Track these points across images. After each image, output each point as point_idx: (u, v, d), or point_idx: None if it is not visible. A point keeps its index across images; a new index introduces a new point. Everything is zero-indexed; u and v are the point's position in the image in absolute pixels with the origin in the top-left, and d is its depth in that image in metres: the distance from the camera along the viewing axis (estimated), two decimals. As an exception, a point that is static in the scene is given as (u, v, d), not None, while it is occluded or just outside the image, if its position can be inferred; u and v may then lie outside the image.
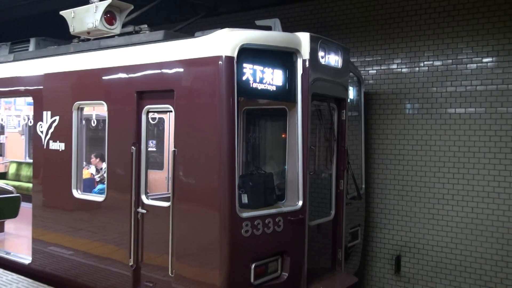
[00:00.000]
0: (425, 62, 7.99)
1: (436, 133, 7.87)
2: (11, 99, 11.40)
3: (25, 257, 7.77)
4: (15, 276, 7.20)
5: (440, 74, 7.85)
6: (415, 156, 8.08)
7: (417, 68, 8.08)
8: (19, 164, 13.57)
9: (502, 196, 7.33)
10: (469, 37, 7.58)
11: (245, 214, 5.48)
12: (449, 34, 7.74)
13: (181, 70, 5.76)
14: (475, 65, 7.55)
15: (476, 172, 7.53)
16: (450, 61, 7.75)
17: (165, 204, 5.94)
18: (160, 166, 8.55)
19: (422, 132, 8.00)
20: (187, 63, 5.70)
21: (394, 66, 8.30)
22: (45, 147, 7.35)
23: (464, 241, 7.64)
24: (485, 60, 7.48)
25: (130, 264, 6.19)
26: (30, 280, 7.03)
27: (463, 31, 7.63)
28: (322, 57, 6.32)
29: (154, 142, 7.97)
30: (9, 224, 9.93)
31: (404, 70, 8.20)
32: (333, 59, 6.56)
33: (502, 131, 7.32)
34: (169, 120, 7.46)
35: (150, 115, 6.27)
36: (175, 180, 5.76)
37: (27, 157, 13.41)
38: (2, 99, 10.87)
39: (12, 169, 13.65)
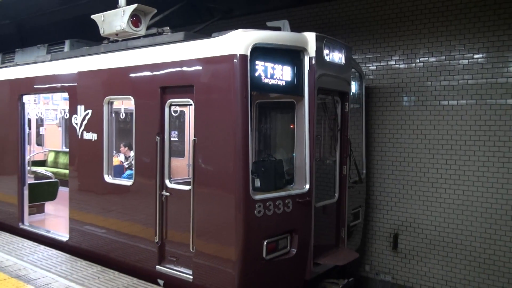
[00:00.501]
0: (420, 59, 7.89)
1: (430, 123, 7.80)
2: (49, 95, 11.48)
3: (63, 235, 7.87)
4: (54, 251, 7.33)
5: (434, 69, 7.75)
6: (411, 144, 8.02)
7: (413, 64, 7.98)
8: (57, 152, 13.74)
9: (490, 180, 7.26)
10: (461, 35, 7.47)
11: (258, 197, 5.49)
12: (443, 32, 7.63)
13: (200, 67, 5.76)
14: (466, 60, 7.44)
15: (467, 158, 7.46)
16: (444, 57, 7.64)
17: (186, 187, 5.98)
18: (181, 154, 8.59)
19: (418, 122, 7.94)
20: (205, 61, 5.70)
21: (393, 63, 8.21)
22: (79, 137, 7.41)
23: (455, 221, 7.60)
24: (476, 56, 7.37)
25: (155, 241, 6.25)
26: (68, 255, 7.16)
27: (455, 30, 7.52)
28: (327, 55, 6.28)
29: (176, 132, 7.99)
30: (48, 206, 10.09)
31: (401, 66, 8.12)
32: (337, 56, 6.51)
33: (491, 121, 7.23)
34: (189, 113, 7.48)
35: (172, 108, 6.28)
36: (195, 166, 5.78)
37: (63, 147, 13.56)
38: (41, 95, 10.97)
39: (50, 157, 13.83)
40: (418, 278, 8.03)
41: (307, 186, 6.00)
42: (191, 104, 5.90)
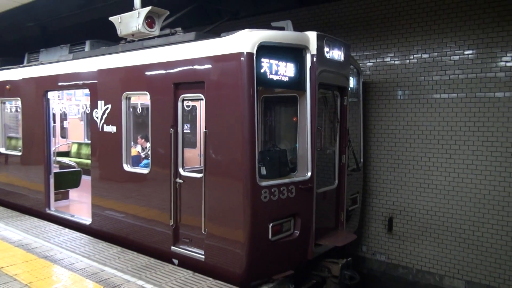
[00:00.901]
0: (414, 55, 7.81)
1: (423, 115, 7.73)
2: (72, 91, 11.51)
3: (86, 219, 7.93)
4: (78, 234, 7.39)
5: (427, 65, 7.67)
6: (405, 134, 7.97)
7: (407, 60, 7.90)
8: (79, 144, 13.80)
9: (479, 168, 7.21)
10: (453, 32, 7.37)
11: (264, 183, 5.50)
12: (435, 30, 7.53)
13: (210, 65, 5.73)
14: (457, 56, 7.35)
15: (457, 147, 7.40)
16: (436, 53, 7.55)
17: (198, 175, 5.98)
18: (193, 145, 8.58)
19: (411, 114, 7.88)
20: (215, 59, 5.67)
21: (388, 59, 8.13)
22: (100, 130, 7.42)
23: (446, 205, 7.57)
24: (466, 52, 7.27)
25: (170, 224, 6.28)
26: (91, 237, 7.21)
27: (447, 28, 7.42)
28: (327, 52, 6.23)
29: (188, 125, 7.97)
30: (72, 193, 10.17)
31: (396, 62, 8.03)
32: (336, 54, 6.45)
33: (480, 113, 7.15)
34: (201, 107, 7.46)
35: (185, 102, 6.26)
36: (206, 156, 5.78)
37: (85, 139, 13.61)
38: (65, 91, 11.00)
39: (74, 148, 13.90)
40: (411, 258, 8.03)
41: (309, 174, 5.99)
42: (202, 99, 5.89)
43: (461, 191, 7.40)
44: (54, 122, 10.02)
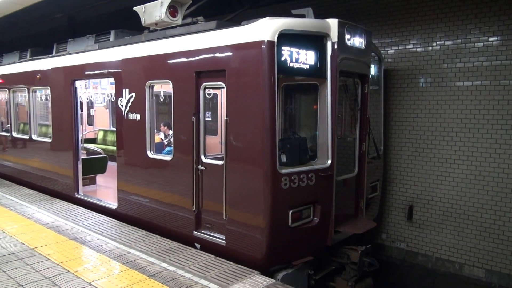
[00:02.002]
0: (437, 42, 7.57)
1: (446, 103, 7.53)
2: (98, 80, 11.69)
3: (112, 204, 8.09)
4: (105, 217, 7.56)
5: (450, 52, 7.43)
6: (426, 122, 7.79)
7: (430, 47, 7.67)
8: (105, 131, 14.04)
9: (502, 156, 6.99)
10: (477, 19, 7.10)
11: (284, 171, 5.48)
12: (460, 16, 7.27)
13: (231, 53, 5.71)
14: (482, 43, 7.09)
15: (480, 136, 7.19)
16: (460, 40, 7.30)
17: (220, 162, 6.01)
18: (214, 133, 8.62)
19: (433, 102, 7.67)
20: (236, 47, 5.64)
21: (410, 46, 7.91)
22: (125, 117, 7.52)
23: (467, 194, 7.40)
24: (491, 39, 7.00)
25: (193, 209, 6.35)
26: (117, 221, 7.37)
27: (472, 14, 7.15)
28: (348, 40, 6.09)
29: (210, 113, 8.00)
30: (99, 178, 10.38)
31: (418, 49, 7.81)
32: (357, 41, 6.31)
33: (504, 100, 6.91)
34: (222, 95, 7.47)
35: (207, 90, 6.27)
36: (227, 143, 5.79)
37: (111, 126, 13.84)
38: (91, 80, 11.17)
39: (100, 135, 14.16)
40: (431, 246, 7.91)
41: (329, 161, 5.94)
42: (223, 87, 5.88)
43: (483, 179, 7.21)
44: (82, 110, 10.22)
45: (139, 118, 7.21)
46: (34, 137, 10.49)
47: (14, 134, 11.42)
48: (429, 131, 7.78)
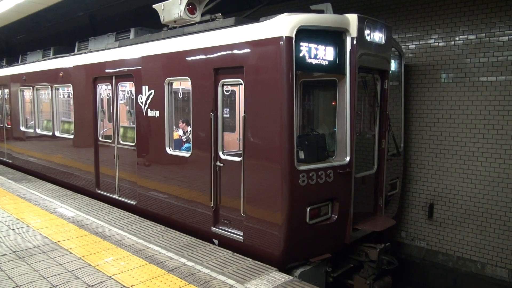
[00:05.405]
0: (460, 36, 7.37)
1: (469, 99, 7.33)
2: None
3: (131, 200, 8.18)
4: (125, 213, 7.67)
5: (473, 46, 7.23)
6: (448, 119, 7.61)
7: (452, 42, 7.48)
8: (125, 128, 14.19)
9: (528, 154, 6.80)
10: (502, 12, 6.88)
11: (302, 168, 5.45)
12: (483, 10, 7.06)
13: (249, 49, 5.68)
14: (507, 37, 6.87)
15: (504, 132, 6.98)
16: (484, 34, 7.09)
17: (238, 159, 6.01)
18: (232, 129, 8.61)
19: (456, 98, 7.49)
20: (254, 44, 5.61)
21: (432, 41, 7.73)
22: (144, 114, 7.61)
23: (490, 192, 7.20)
24: (516, 32, 6.80)
25: (211, 205, 6.38)
26: (136, 216, 7.47)
27: (496, 7, 6.93)
28: (368, 35, 5.99)
29: (228, 109, 8.00)
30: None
31: (440, 44, 7.63)
32: (377, 36, 6.20)
33: (531, 96, 6.71)
34: (240, 91, 7.45)
35: (225, 87, 6.27)
36: (245, 140, 5.78)
37: (131, 123, 13.97)
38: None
39: (120, 132, 14.28)
40: (452, 245, 7.75)
41: (348, 158, 5.87)
42: (241, 84, 5.87)
43: (507, 177, 7.01)
44: (102, 107, 10.36)
45: (158, 115, 7.27)
46: (57, 133, 10.72)
47: (38, 131, 11.69)
48: (451, 127, 7.60)
